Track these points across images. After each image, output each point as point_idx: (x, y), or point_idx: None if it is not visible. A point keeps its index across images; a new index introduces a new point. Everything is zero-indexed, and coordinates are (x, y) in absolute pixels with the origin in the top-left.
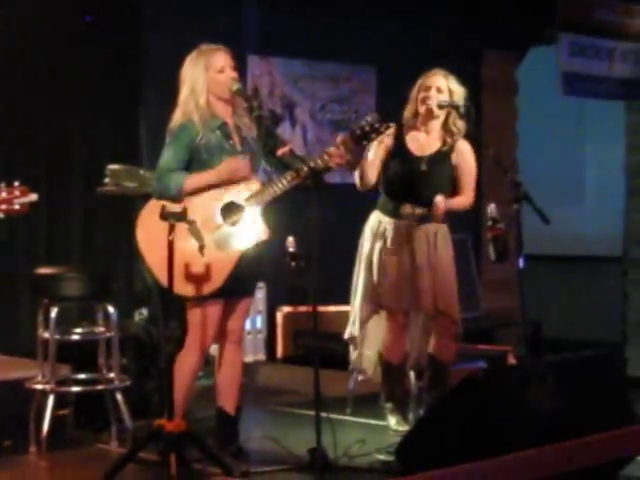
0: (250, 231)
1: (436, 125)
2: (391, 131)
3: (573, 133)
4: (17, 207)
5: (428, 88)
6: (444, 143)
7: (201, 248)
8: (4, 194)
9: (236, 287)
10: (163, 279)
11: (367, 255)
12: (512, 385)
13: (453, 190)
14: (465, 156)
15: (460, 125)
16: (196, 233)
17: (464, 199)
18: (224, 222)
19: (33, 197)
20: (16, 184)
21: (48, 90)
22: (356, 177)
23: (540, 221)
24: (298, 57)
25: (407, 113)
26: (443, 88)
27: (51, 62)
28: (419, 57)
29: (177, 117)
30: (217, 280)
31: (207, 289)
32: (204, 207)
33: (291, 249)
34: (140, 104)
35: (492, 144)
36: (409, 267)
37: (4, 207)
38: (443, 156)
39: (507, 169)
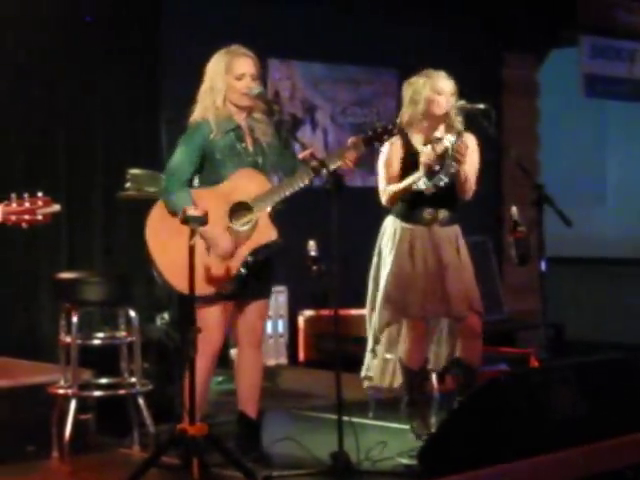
0: (259, 232)
1: (442, 125)
2: (398, 141)
3: (594, 135)
4: (40, 217)
5: (442, 91)
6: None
7: (208, 248)
8: (27, 204)
9: (245, 289)
10: (172, 280)
11: (390, 263)
12: (534, 388)
13: None
14: (470, 148)
15: (460, 120)
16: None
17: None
18: (233, 222)
19: (56, 207)
20: (39, 194)
21: (67, 95)
22: (384, 195)
23: (562, 223)
24: (318, 60)
25: (411, 116)
26: (454, 91)
27: (70, 67)
28: (440, 59)
29: (195, 112)
30: (223, 281)
31: (212, 289)
32: (213, 206)
33: (312, 253)
34: (160, 108)
35: (513, 146)
36: (436, 273)
37: (27, 217)
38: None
39: (528, 171)
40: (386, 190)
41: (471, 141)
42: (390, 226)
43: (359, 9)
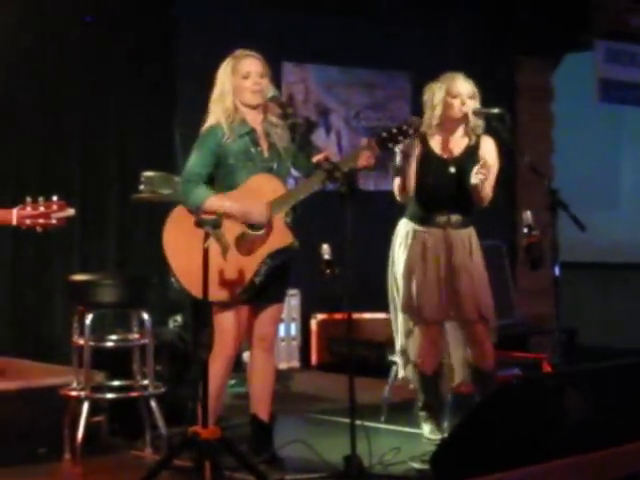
0: (274, 236)
1: (461, 127)
2: (417, 141)
3: (609, 139)
4: (54, 221)
5: (458, 94)
6: (470, 139)
7: (224, 252)
8: (42, 208)
9: (261, 293)
10: (187, 284)
11: (403, 266)
12: (547, 393)
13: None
14: (489, 151)
15: (480, 123)
16: (220, 238)
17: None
18: (248, 227)
19: (70, 212)
20: (54, 198)
21: (81, 98)
22: (397, 189)
23: (576, 228)
24: (332, 64)
25: (429, 119)
26: (472, 94)
27: (84, 70)
28: (454, 63)
29: (208, 120)
30: (239, 285)
31: (229, 294)
32: None
33: (326, 256)
34: (174, 110)
35: (528, 151)
36: (448, 276)
37: (42, 221)
38: (472, 151)
39: (543, 176)
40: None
41: (490, 145)
42: (403, 228)
43: (373, 13)
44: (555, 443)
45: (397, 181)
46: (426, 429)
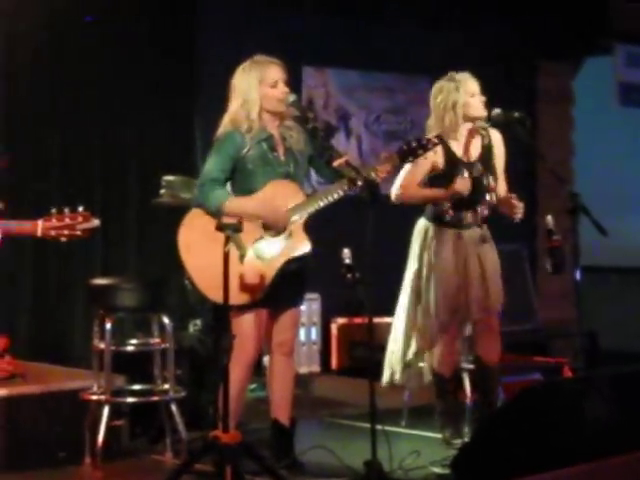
0: (292, 242)
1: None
2: (439, 149)
3: (629, 143)
4: (79, 233)
5: (473, 93)
6: (483, 137)
7: (242, 257)
8: (67, 220)
9: (279, 298)
10: (203, 288)
11: (436, 268)
12: (569, 398)
13: None
14: (497, 144)
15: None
16: (238, 242)
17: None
18: (266, 232)
19: (95, 223)
20: (80, 209)
21: (102, 102)
22: (398, 191)
23: (596, 232)
24: (353, 68)
25: (450, 122)
26: (481, 94)
27: (103, 74)
28: (474, 68)
29: (225, 124)
30: (257, 290)
31: (247, 298)
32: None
33: (347, 261)
34: (195, 114)
35: (548, 155)
36: (470, 275)
37: (66, 232)
38: (488, 149)
39: (563, 180)
40: (404, 187)
41: (496, 138)
42: (430, 230)
43: (393, 17)
44: (576, 448)
45: (409, 192)
46: (446, 434)
